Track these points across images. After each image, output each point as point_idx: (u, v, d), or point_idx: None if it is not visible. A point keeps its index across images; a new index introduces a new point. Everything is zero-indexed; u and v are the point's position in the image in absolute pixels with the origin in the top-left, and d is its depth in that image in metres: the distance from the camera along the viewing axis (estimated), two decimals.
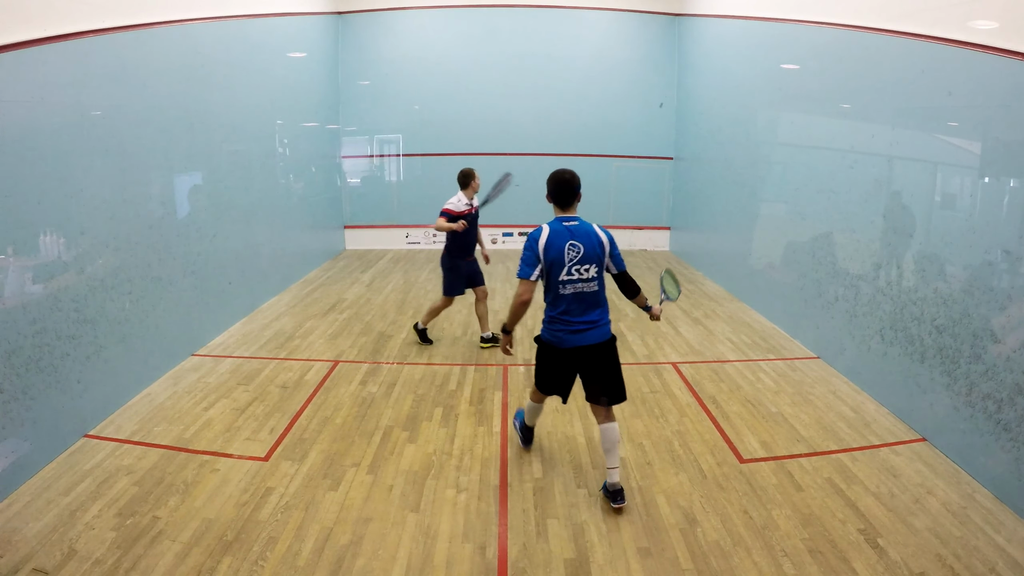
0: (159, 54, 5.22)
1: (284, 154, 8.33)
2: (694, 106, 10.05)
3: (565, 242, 3.29)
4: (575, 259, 3.30)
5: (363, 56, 10.71)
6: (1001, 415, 3.54)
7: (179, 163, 5.61)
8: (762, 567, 2.94)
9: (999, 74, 3.66)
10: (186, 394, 4.81)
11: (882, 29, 4.84)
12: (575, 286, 3.33)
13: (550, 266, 3.31)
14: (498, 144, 10.92)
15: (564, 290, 3.33)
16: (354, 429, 4.29)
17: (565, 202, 3.39)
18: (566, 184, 3.35)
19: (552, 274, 3.32)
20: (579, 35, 10.78)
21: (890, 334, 4.66)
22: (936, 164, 4.39)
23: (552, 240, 3.29)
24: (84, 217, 4.26)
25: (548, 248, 3.29)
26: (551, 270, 3.32)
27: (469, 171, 5.71)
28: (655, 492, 3.56)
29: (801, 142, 6.39)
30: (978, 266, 3.78)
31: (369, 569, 2.92)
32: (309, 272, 9.14)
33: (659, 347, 6.02)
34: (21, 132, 3.72)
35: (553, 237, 3.30)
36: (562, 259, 3.29)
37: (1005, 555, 3.01)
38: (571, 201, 3.39)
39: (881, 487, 3.61)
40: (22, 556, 2.93)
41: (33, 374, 3.71)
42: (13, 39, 3.63)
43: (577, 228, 3.35)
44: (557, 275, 3.31)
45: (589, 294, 3.39)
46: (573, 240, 3.30)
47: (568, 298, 3.35)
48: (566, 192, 3.36)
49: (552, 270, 3.32)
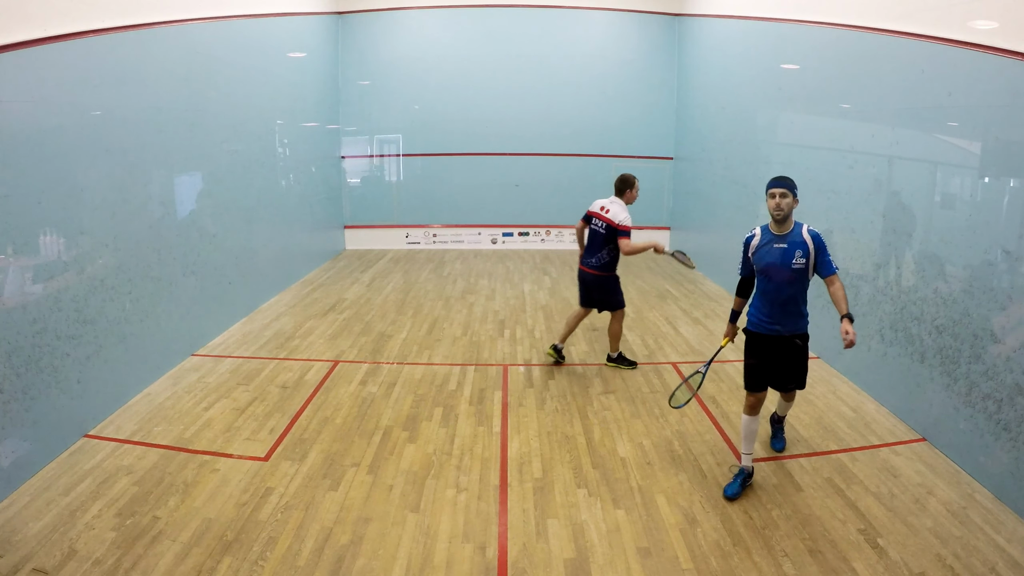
0: (159, 54, 5.22)
1: (284, 154, 8.32)
2: (694, 106, 10.04)
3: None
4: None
5: (363, 56, 10.71)
6: (1001, 415, 3.54)
7: (179, 163, 5.60)
8: (762, 567, 2.94)
9: (999, 74, 3.65)
10: (186, 394, 4.81)
11: (882, 29, 4.84)
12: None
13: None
14: (498, 144, 10.93)
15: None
16: (354, 429, 4.29)
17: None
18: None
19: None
20: (579, 35, 10.77)
21: (890, 334, 4.66)
22: (936, 164, 4.38)
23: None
24: (84, 217, 4.26)
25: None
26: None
27: (631, 177, 5.20)
28: (655, 492, 3.56)
29: (801, 142, 6.38)
30: (978, 266, 3.78)
31: (369, 569, 2.92)
32: (309, 272, 9.14)
33: (659, 347, 6.02)
34: (21, 132, 3.72)
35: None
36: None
37: (1005, 555, 3.01)
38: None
39: (881, 487, 3.61)
40: (22, 556, 2.94)
41: (33, 374, 3.71)
42: (13, 39, 3.63)
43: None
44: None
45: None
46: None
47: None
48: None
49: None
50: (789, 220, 3.40)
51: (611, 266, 5.23)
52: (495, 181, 11.02)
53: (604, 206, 5.16)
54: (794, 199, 3.39)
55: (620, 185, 5.18)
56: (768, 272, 3.45)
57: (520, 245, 11.27)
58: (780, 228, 3.42)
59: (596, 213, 5.20)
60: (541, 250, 11.13)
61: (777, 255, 3.41)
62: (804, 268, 3.39)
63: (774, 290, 3.46)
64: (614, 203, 5.13)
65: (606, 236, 5.12)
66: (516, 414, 4.54)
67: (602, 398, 4.83)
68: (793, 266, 3.37)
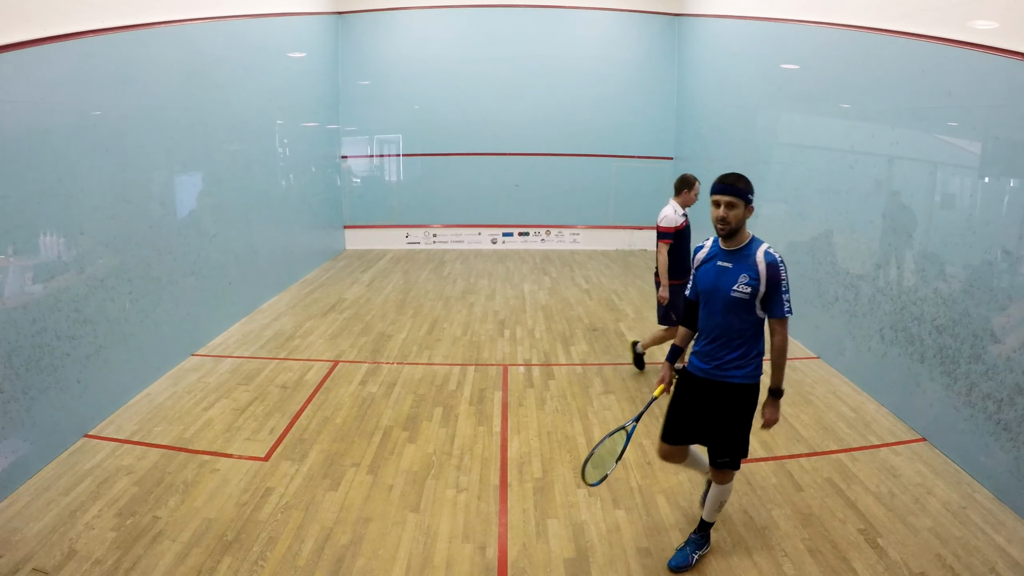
0: (159, 54, 5.22)
1: (284, 154, 8.33)
2: (694, 106, 10.05)
3: None
4: None
5: (363, 56, 10.71)
6: (1001, 415, 3.54)
7: (179, 163, 5.60)
8: (762, 567, 2.94)
9: (999, 74, 3.65)
10: (186, 394, 4.81)
11: (882, 29, 4.84)
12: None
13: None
14: (498, 144, 10.93)
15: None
16: (354, 429, 4.29)
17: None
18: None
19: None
20: (579, 35, 10.78)
21: (890, 334, 4.66)
22: (936, 164, 4.38)
23: None
24: (84, 217, 4.26)
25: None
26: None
27: (691, 178, 4.86)
28: (655, 492, 3.56)
29: (801, 142, 6.39)
30: (978, 266, 3.78)
31: (369, 569, 2.92)
32: (309, 272, 9.14)
33: (659, 347, 6.01)
34: (21, 132, 3.72)
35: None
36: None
37: (1005, 555, 3.01)
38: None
39: (881, 487, 3.60)
40: (22, 556, 2.93)
41: (33, 374, 3.71)
42: (13, 39, 3.63)
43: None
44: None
45: None
46: None
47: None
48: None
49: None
50: (741, 234, 2.75)
51: (671, 272, 4.82)
52: (495, 181, 11.02)
53: (662, 210, 4.87)
54: (747, 207, 2.72)
55: (678, 185, 4.90)
56: (706, 296, 2.80)
57: (520, 245, 11.27)
58: (728, 243, 2.76)
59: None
60: (541, 250, 11.13)
61: (717, 276, 2.75)
62: (748, 300, 2.67)
63: (708, 320, 2.81)
64: (668, 204, 4.87)
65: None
66: (516, 414, 4.54)
67: (602, 398, 4.82)
68: (733, 293, 2.68)
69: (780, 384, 2.77)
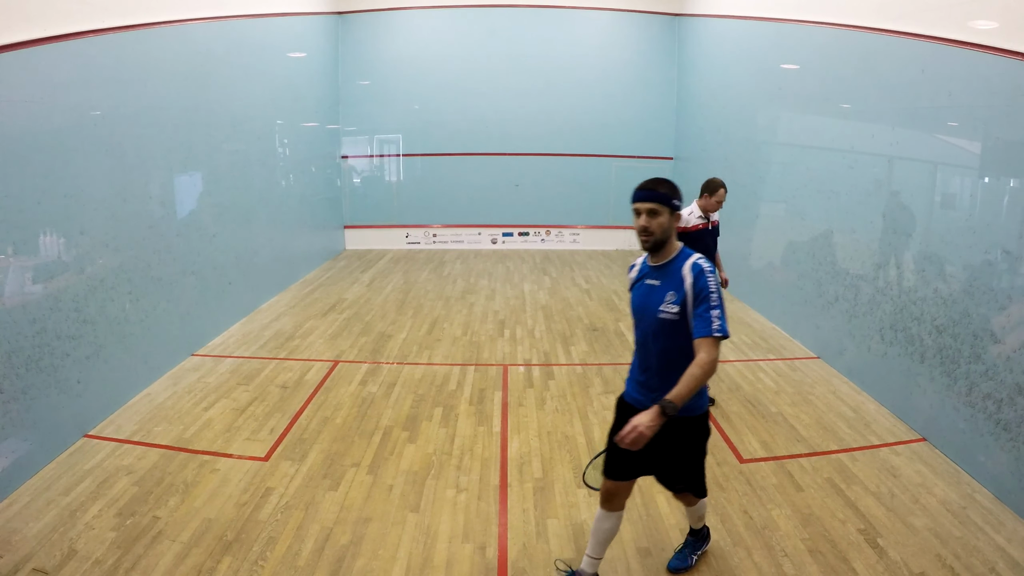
0: (159, 54, 5.22)
1: (284, 154, 8.33)
2: (694, 106, 10.05)
3: None
4: None
5: (363, 56, 10.71)
6: (1001, 415, 3.54)
7: (179, 163, 5.60)
8: (762, 567, 2.94)
9: (999, 74, 3.65)
10: (186, 394, 4.81)
11: (882, 29, 4.84)
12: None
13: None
14: (498, 144, 10.94)
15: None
16: (354, 429, 4.29)
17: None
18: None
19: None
20: (579, 35, 10.78)
21: (890, 334, 4.66)
22: (936, 164, 4.38)
23: None
24: (84, 217, 4.26)
25: None
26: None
27: (715, 182, 4.71)
28: (655, 492, 3.56)
29: (801, 142, 6.39)
30: (978, 266, 3.78)
31: (369, 569, 2.92)
32: (309, 272, 9.14)
33: None
34: (21, 132, 3.72)
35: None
36: None
37: (1005, 555, 3.01)
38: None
39: (881, 487, 3.60)
40: (22, 556, 2.93)
41: (33, 374, 3.71)
42: (13, 39, 3.63)
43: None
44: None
45: None
46: None
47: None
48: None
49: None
50: (668, 246, 2.41)
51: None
52: (495, 181, 11.02)
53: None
54: (672, 215, 2.38)
55: (703, 186, 4.73)
56: (637, 319, 2.52)
57: (520, 245, 11.27)
58: (655, 258, 2.44)
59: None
60: (541, 250, 11.13)
61: (646, 296, 2.45)
62: (677, 320, 2.34)
63: (641, 344, 2.52)
64: (689, 205, 4.69)
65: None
66: (516, 414, 4.54)
67: (602, 398, 4.83)
68: (660, 313, 2.37)
69: (677, 399, 2.20)
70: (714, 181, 4.70)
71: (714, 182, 4.70)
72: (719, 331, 2.27)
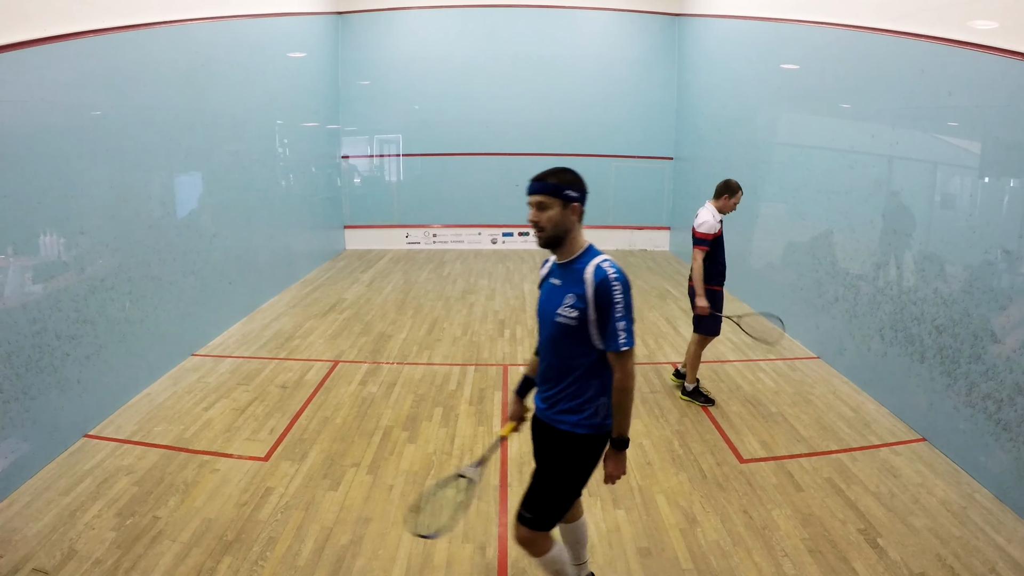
0: (159, 54, 5.22)
1: (284, 154, 8.33)
2: (694, 106, 10.05)
3: None
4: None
5: (363, 56, 10.71)
6: (1001, 415, 3.54)
7: (179, 163, 5.60)
8: (762, 567, 2.94)
9: (999, 74, 3.66)
10: (186, 394, 4.81)
11: (882, 29, 4.84)
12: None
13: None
14: (498, 144, 10.94)
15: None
16: (354, 429, 4.29)
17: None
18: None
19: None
20: (579, 35, 10.78)
21: (890, 334, 4.66)
22: (936, 164, 4.38)
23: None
24: (84, 217, 4.26)
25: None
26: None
27: (735, 184, 4.56)
28: (655, 492, 3.56)
29: (801, 142, 6.39)
30: (978, 266, 3.78)
31: (369, 569, 2.92)
32: (309, 272, 9.14)
33: (659, 347, 6.02)
34: (21, 132, 3.72)
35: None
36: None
37: (1005, 555, 3.01)
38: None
39: (881, 487, 3.61)
40: (22, 556, 2.93)
41: (33, 374, 3.71)
42: (13, 39, 3.63)
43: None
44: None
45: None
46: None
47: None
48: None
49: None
50: (571, 243, 2.20)
51: (707, 277, 4.54)
52: (495, 181, 11.02)
53: (698, 212, 4.56)
54: (565, 207, 2.14)
55: (720, 188, 4.58)
56: (539, 321, 2.31)
57: (520, 245, 11.27)
58: (559, 255, 2.24)
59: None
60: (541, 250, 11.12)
61: (548, 297, 2.26)
62: (576, 325, 2.14)
63: (542, 350, 2.31)
64: (704, 207, 4.55)
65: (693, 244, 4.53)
66: None
67: None
68: (558, 318, 2.17)
69: (622, 432, 2.19)
70: (733, 183, 4.57)
71: (734, 184, 4.57)
72: (624, 345, 2.10)
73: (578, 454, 2.27)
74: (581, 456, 2.27)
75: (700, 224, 4.47)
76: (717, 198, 4.60)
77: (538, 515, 2.28)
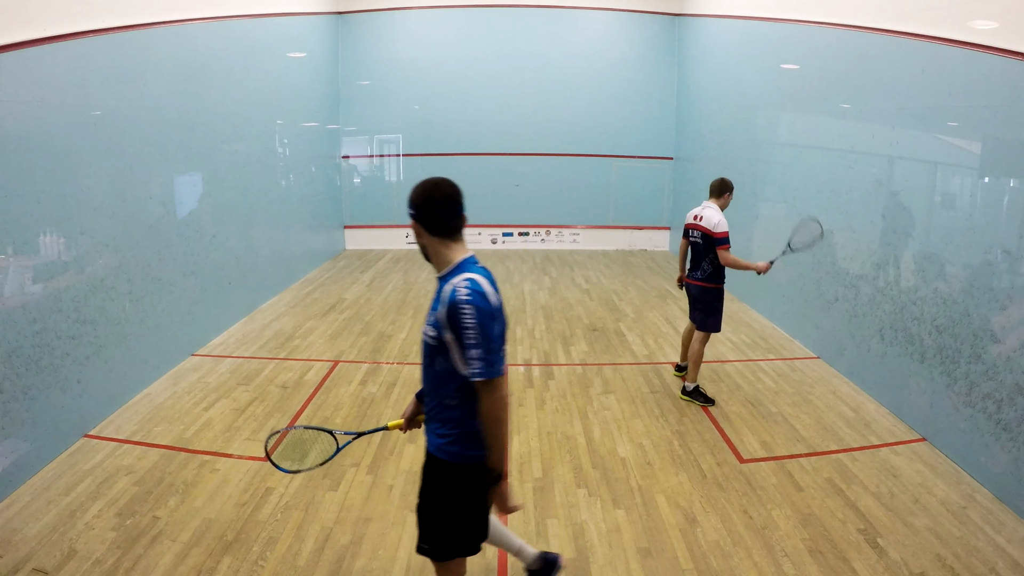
0: (159, 54, 5.22)
1: (284, 154, 8.33)
2: (694, 106, 10.05)
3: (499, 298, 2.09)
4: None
5: (363, 56, 10.71)
6: (1001, 415, 3.54)
7: (179, 163, 5.60)
8: (762, 567, 2.94)
9: (999, 74, 3.66)
10: (186, 394, 4.81)
11: (882, 29, 4.84)
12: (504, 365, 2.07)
13: (500, 338, 2.05)
14: (498, 144, 10.93)
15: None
16: (354, 429, 4.29)
17: (456, 228, 2.12)
18: (455, 199, 2.10)
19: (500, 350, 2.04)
20: (579, 35, 10.78)
21: (890, 334, 4.66)
22: (936, 164, 4.39)
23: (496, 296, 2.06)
24: (84, 217, 4.26)
25: (500, 309, 2.07)
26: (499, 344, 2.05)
27: (731, 183, 4.73)
28: (655, 492, 3.56)
29: (801, 142, 6.39)
30: (978, 266, 3.78)
31: (369, 569, 2.92)
32: (309, 272, 9.14)
33: (659, 347, 6.02)
34: (21, 132, 3.72)
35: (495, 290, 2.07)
36: (504, 324, 2.11)
37: (1005, 555, 3.01)
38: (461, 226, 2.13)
39: (881, 487, 3.61)
40: (22, 556, 2.94)
41: (33, 374, 3.71)
42: (13, 39, 3.63)
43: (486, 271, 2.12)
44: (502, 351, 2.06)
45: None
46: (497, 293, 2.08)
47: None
48: (458, 212, 2.11)
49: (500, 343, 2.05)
50: (436, 258, 2.10)
51: (716, 276, 4.67)
52: (495, 181, 11.02)
53: (697, 214, 4.66)
54: (415, 224, 2.08)
55: (720, 187, 4.67)
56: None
57: (520, 245, 11.27)
58: (436, 270, 2.12)
59: (692, 224, 4.70)
60: (541, 250, 11.13)
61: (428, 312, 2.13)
62: (435, 345, 2.04)
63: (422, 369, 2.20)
64: (707, 208, 4.62)
65: (704, 246, 4.60)
66: (516, 414, 4.53)
67: (602, 398, 4.83)
68: (424, 336, 2.09)
69: (494, 465, 2.04)
70: (728, 180, 4.74)
71: (729, 181, 4.74)
72: (478, 375, 1.94)
73: (442, 480, 2.17)
74: (445, 483, 2.16)
75: (716, 224, 4.54)
76: (719, 196, 4.69)
77: (432, 546, 2.24)
